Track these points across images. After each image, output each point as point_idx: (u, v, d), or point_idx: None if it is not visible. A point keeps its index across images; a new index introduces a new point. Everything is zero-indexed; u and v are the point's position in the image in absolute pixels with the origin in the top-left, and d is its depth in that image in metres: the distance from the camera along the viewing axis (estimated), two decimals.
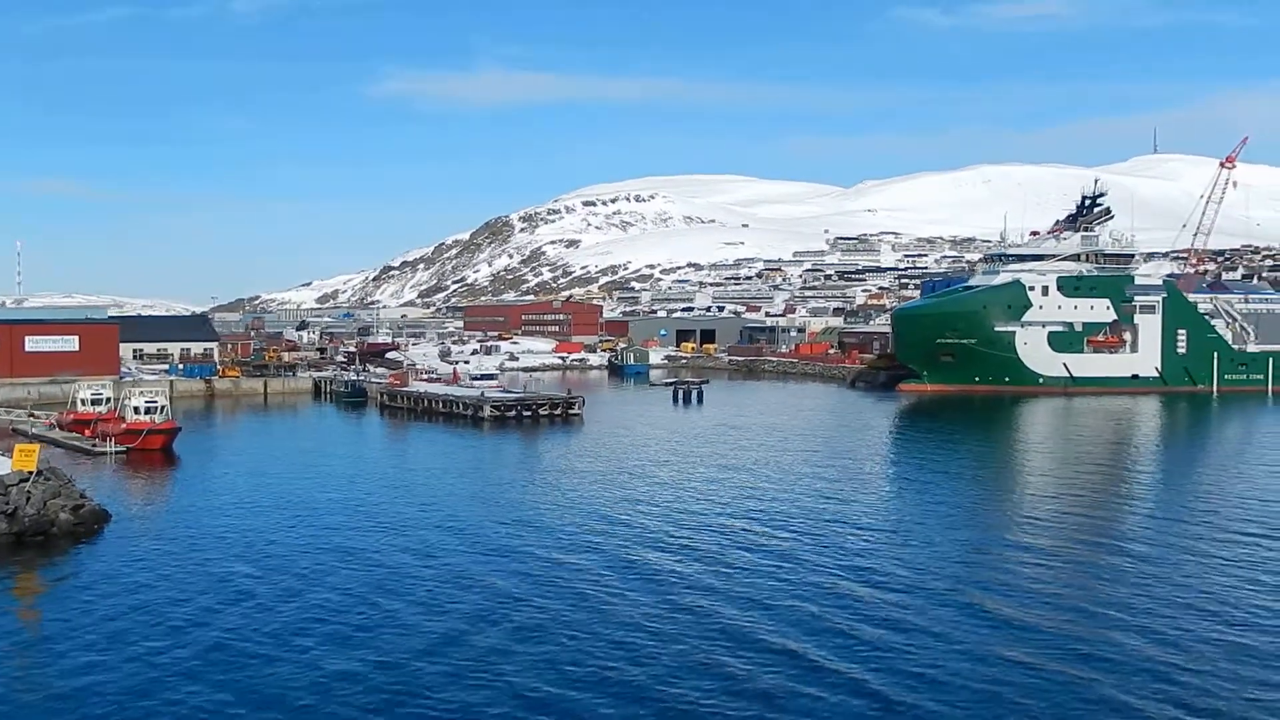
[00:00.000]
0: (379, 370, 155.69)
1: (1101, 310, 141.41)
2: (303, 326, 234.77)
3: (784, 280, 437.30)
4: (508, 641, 36.97)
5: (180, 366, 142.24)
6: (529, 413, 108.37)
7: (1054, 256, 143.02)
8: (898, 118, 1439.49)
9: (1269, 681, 33.32)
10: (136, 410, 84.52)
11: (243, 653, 35.91)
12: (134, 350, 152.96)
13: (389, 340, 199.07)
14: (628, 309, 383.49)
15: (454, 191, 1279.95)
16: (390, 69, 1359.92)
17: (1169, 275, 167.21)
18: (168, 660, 35.29)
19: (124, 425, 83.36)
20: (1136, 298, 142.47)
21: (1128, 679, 33.44)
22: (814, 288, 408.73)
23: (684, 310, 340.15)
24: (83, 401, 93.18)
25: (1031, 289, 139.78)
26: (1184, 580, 45.00)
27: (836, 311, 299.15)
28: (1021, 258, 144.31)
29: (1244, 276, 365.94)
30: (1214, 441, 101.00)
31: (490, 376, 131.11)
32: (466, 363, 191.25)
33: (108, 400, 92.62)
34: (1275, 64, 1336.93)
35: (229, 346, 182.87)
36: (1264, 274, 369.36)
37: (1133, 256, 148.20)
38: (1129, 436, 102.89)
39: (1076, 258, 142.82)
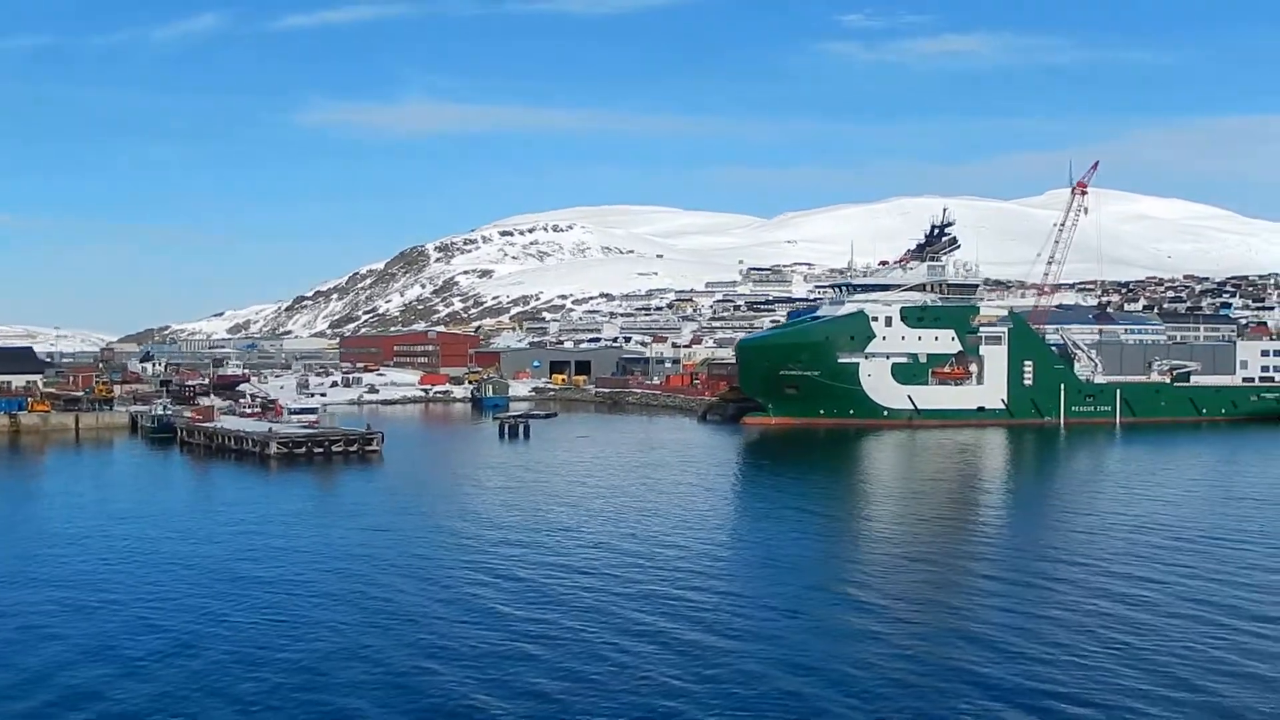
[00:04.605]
0: (225, 404, 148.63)
1: (946, 341, 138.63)
2: (147, 358, 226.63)
3: (694, 311, 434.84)
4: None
5: None
6: (320, 450, 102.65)
7: (899, 286, 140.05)
8: (821, 150, 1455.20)
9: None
10: None
11: None
12: None
13: (241, 372, 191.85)
14: (535, 339, 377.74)
15: (374, 223, 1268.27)
16: (316, 99, 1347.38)
17: (1076, 305, 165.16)
18: None
19: None
20: (982, 329, 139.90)
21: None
22: (723, 318, 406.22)
23: (590, 341, 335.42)
24: None
25: (875, 319, 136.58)
26: (1028, 613, 43.83)
27: None
28: (868, 288, 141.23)
29: (1145, 308, 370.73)
30: (1060, 475, 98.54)
31: (309, 411, 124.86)
32: (324, 395, 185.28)
33: None
34: (1188, 101, 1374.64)
35: (70, 379, 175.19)
36: (1164, 306, 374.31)
37: (977, 287, 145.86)
38: (972, 471, 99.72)
39: (922, 288, 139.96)
